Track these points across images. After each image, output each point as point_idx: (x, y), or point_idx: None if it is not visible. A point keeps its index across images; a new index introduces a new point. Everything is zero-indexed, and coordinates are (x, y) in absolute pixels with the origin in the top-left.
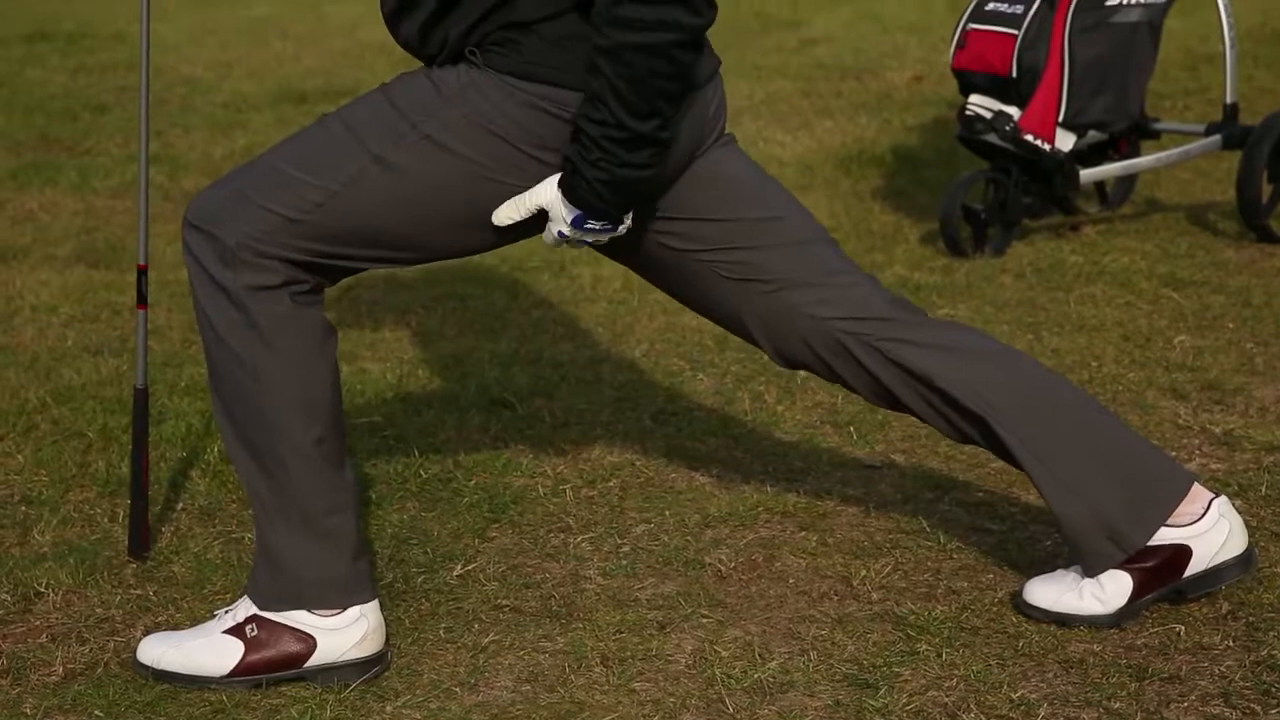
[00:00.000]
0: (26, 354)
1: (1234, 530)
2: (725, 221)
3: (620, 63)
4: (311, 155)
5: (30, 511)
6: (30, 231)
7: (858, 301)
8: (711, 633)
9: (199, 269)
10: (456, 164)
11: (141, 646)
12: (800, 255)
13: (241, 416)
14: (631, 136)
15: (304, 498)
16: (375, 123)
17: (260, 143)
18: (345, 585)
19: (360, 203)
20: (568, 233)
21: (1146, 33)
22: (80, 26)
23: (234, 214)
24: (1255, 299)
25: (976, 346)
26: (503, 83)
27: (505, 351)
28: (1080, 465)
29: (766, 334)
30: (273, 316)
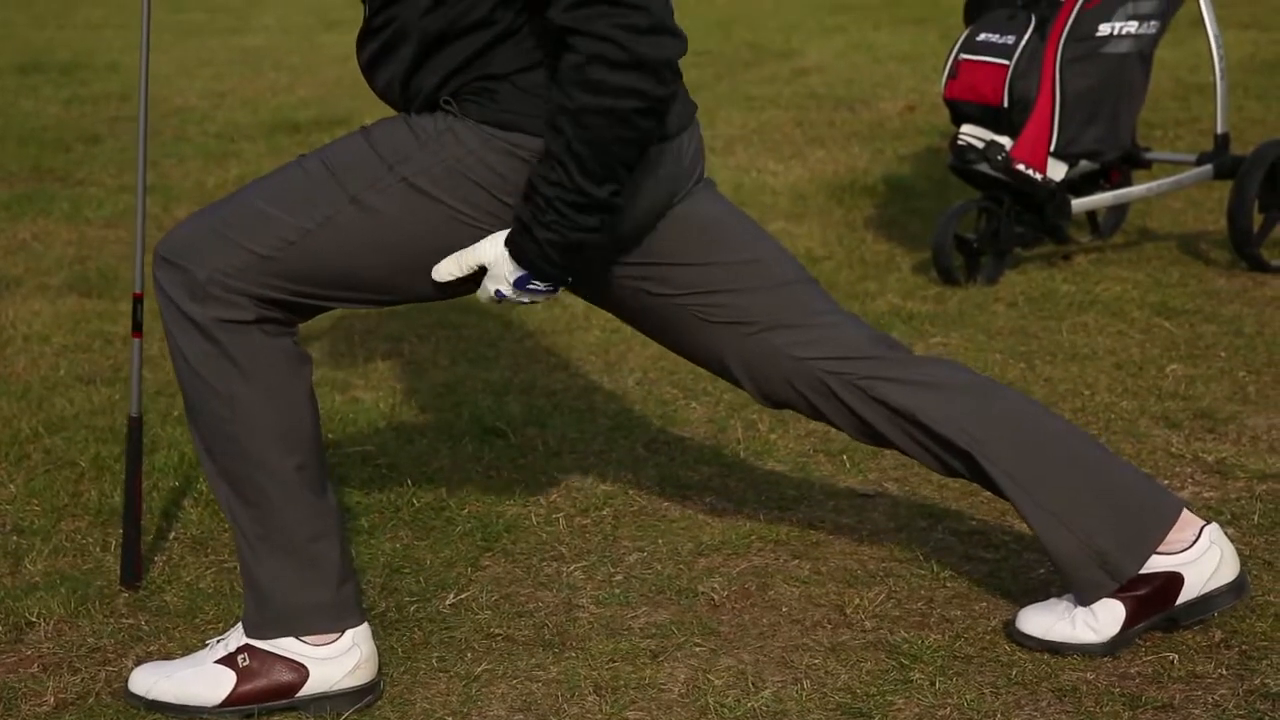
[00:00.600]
0: (19, 383)
1: (1225, 557)
2: (704, 265)
3: (582, 125)
4: (288, 194)
5: (22, 541)
6: (23, 261)
7: (839, 341)
8: (705, 661)
9: (169, 303)
10: (433, 209)
11: (133, 677)
12: (781, 297)
13: (220, 448)
14: (586, 201)
15: (286, 526)
16: (354, 164)
17: (253, 172)
18: (333, 611)
19: (334, 243)
20: (507, 292)
21: (1137, 63)
22: (74, 57)
23: (206, 249)
24: (1247, 328)
25: (959, 381)
26: (479, 131)
27: (498, 380)
28: (1068, 495)
29: (749, 375)
30: (245, 347)
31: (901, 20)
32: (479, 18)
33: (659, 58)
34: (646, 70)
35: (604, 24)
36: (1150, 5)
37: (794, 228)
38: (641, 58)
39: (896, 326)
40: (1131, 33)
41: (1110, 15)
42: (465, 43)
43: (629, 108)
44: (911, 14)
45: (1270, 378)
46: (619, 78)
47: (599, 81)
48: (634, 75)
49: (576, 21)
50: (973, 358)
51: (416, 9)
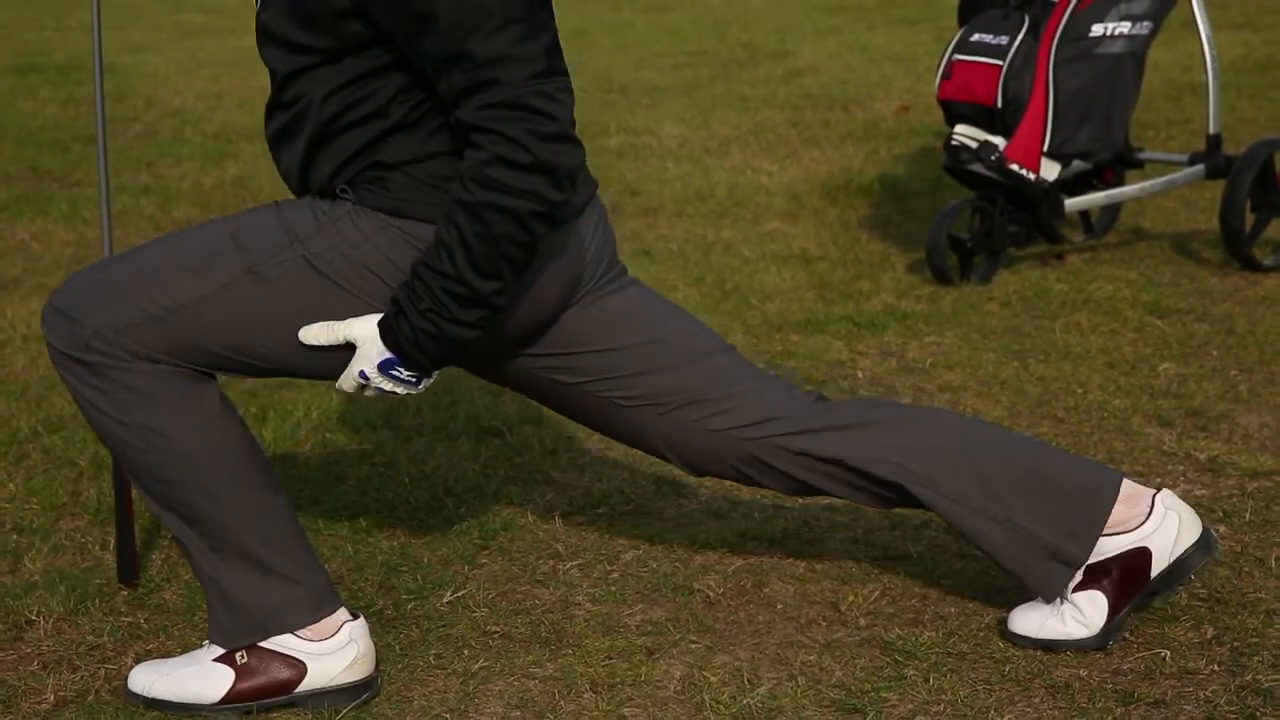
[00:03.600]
0: (18, 383)
1: (1184, 520)
2: (612, 351)
3: (477, 220)
4: (190, 256)
5: (22, 540)
6: (21, 261)
7: (755, 407)
8: (700, 658)
9: (54, 350)
10: (327, 288)
11: (132, 675)
12: (693, 372)
13: (147, 479)
14: (469, 294)
15: (233, 536)
16: (259, 236)
17: (250, 173)
18: (307, 603)
19: (225, 311)
20: (370, 375)
21: (1130, 63)
22: (70, 59)
23: (98, 302)
24: (1239, 327)
25: (876, 416)
26: (375, 218)
27: None
28: (1004, 498)
29: (673, 450)
30: (136, 376)
31: (896, 21)
32: (375, 108)
33: (561, 165)
34: (547, 174)
35: (513, 127)
36: (1143, 6)
37: (789, 228)
38: (544, 163)
39: (891, 326)
40: (1124, 33)
41: (1103, 16)
42: (359, 132)
43: (526, 209)
44: (906, 15)
45: (1262, 376)
46: (521, 179)
47: (500, 180)
48: (535, 179)
49: (487, 121)
50: (966, 357)
51: (320, 89)
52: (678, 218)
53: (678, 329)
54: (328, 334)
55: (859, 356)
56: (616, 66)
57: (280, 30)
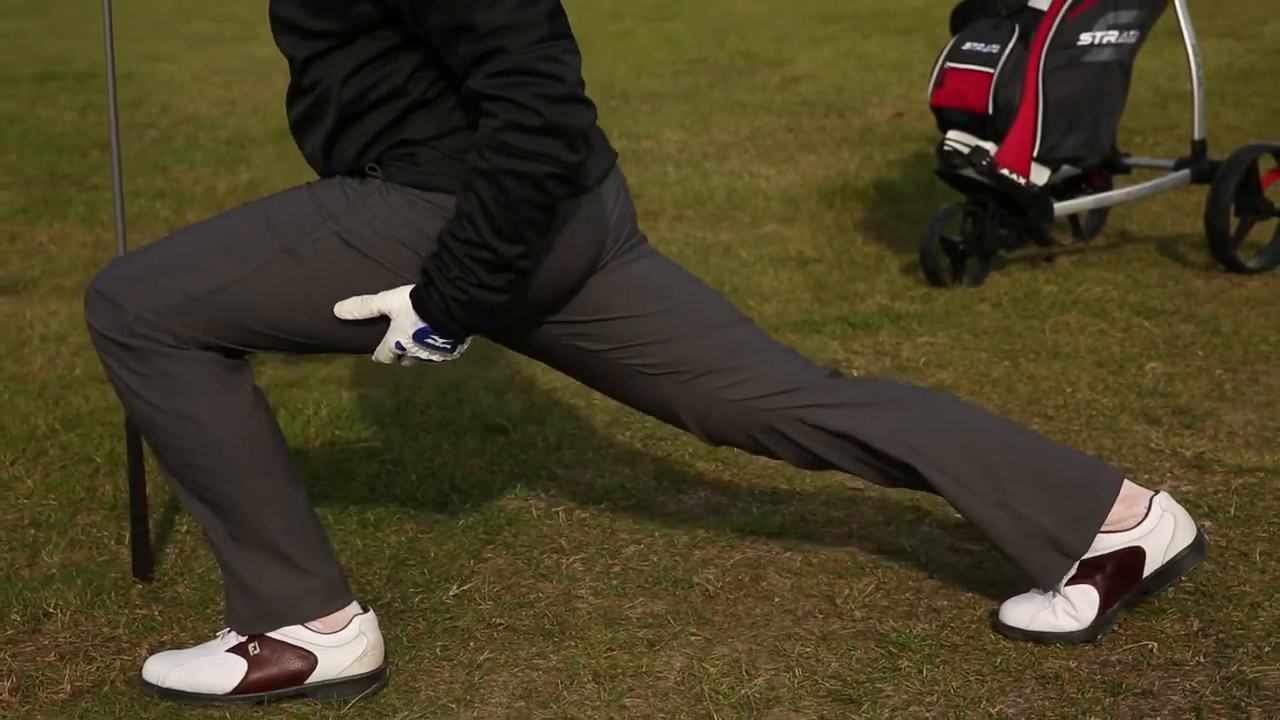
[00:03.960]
0: (36, 382)
1: (1179, 522)
2: (633, 318)
3: (496, 186)
4: (227, 239)
5: (39, 534)
6: (40, 264)
7: (771, 378)
8: (700, 650)
9: (98, 335)
10: (361, 263)
11: (147, 666)
12: (711, 342)
13: (176, 464)
14: (494, 259)
15: (256, 525)
16: (293, 216)
17: (263, 178)
18: (321, 595)
19: (263, 290)
20: (405, 345)
21: (1117, 71)
22: (89, 66)
23: (140, 287)
24: (1224, 327)
25: (892, 396)
26: (404, 193)
27: (499, 379)
28: (1009, 485)
29: (693, 419)
30: (176, 363)
31: (890, 30)
32: (394, 87)
33: (572, 125)
34: (559, 136)
35: (522, 92)
36: (1130, 15)
37: (786, 230)
38: (555, 124)
39: (885, 326)
40: (1112, 42)
41: (1091, 25)
42: (381, 112)
43: (543, 172)
44: (899, 24)
45: (1246, 375)
46: (534, 143)
47: (514, 145)
48: (547, 141)
49: (496, 89)
50: (959, 357)
51: (336, 74)
52: (677, 221)
53: (695, 298)
54: (362, 308)
55: (854, 356)
56: (618, 74)
57: (292, 17)
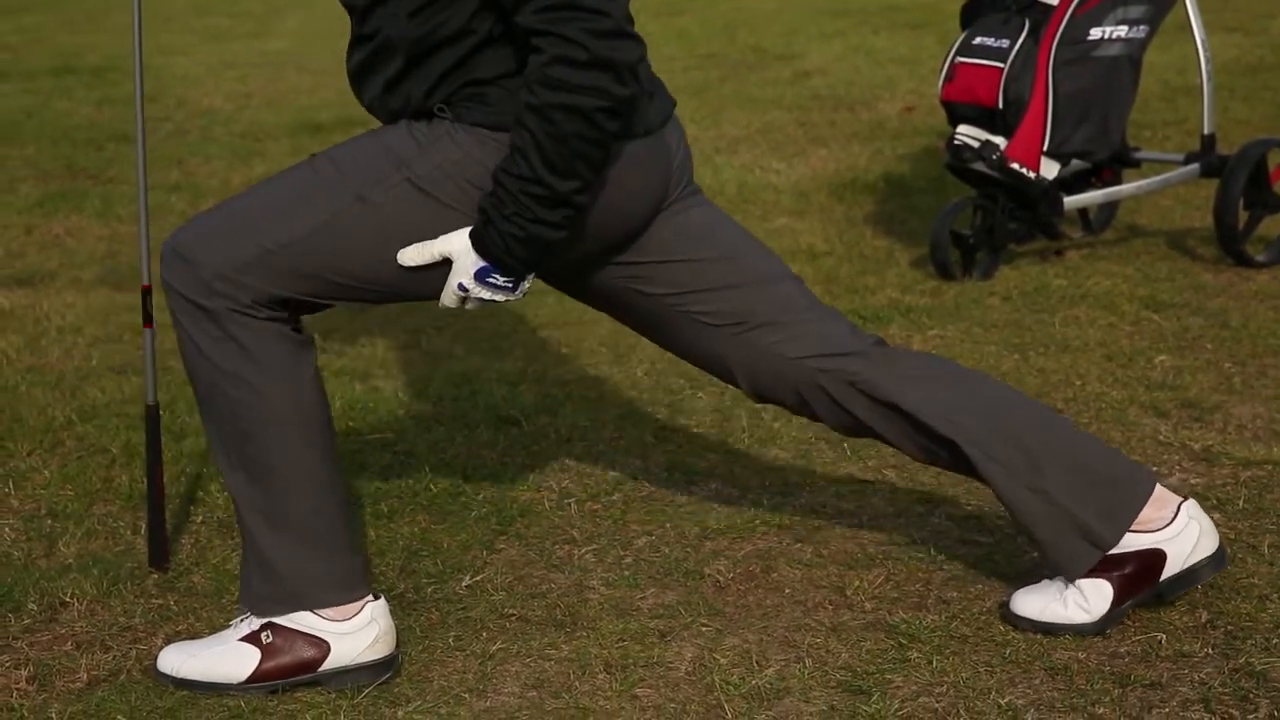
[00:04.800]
0: (53, 373)
1: (1204, 531)
2: (691, 263)
3: (547, 121)
4: (297, 191)
5: (56, 525)
6: (57, 256)
7: (825, 338)
8: (711, 641)
9: (176, 295)
10: (434, 208)
11: (161, 656)
12: (764, 295)
13: (229, 429)
14: (549, 194)
15: (292, 502)
16: (362, 164)
17: (277, 170)
18: (340, 583)
19: (337, 239)
20: (468, 285)
21: (1127, 66)
22: (105, 60)
23: (215, 245)
24: (1233, 320)
25: (939, 372)
26: (474, 133)
27: (512, 370)
28: (1047, 472)
29: (742, 372)
30: (249, 330)
31: (900, 25)
32: (459, 26)
33: (619, 59)
34: (607, 70)
35: (569, 27)
36: (1139, 10)
37: (796, 224)
38: (602, 58)
39: (895, 319)
40: (1121, 36)
41: (1101, 20)
42: (449, 52)
43: (591, 105)
44: (909, 19)
45: (1255, 369)
46: (582, 76)
47: (563, 79)
48: (596, 74)
49: (543, 23)
50: (968, 350)
51: (399, 17)
52: None
53: (750, 250)
54: (423, 253)
55: None
56: None
57: None
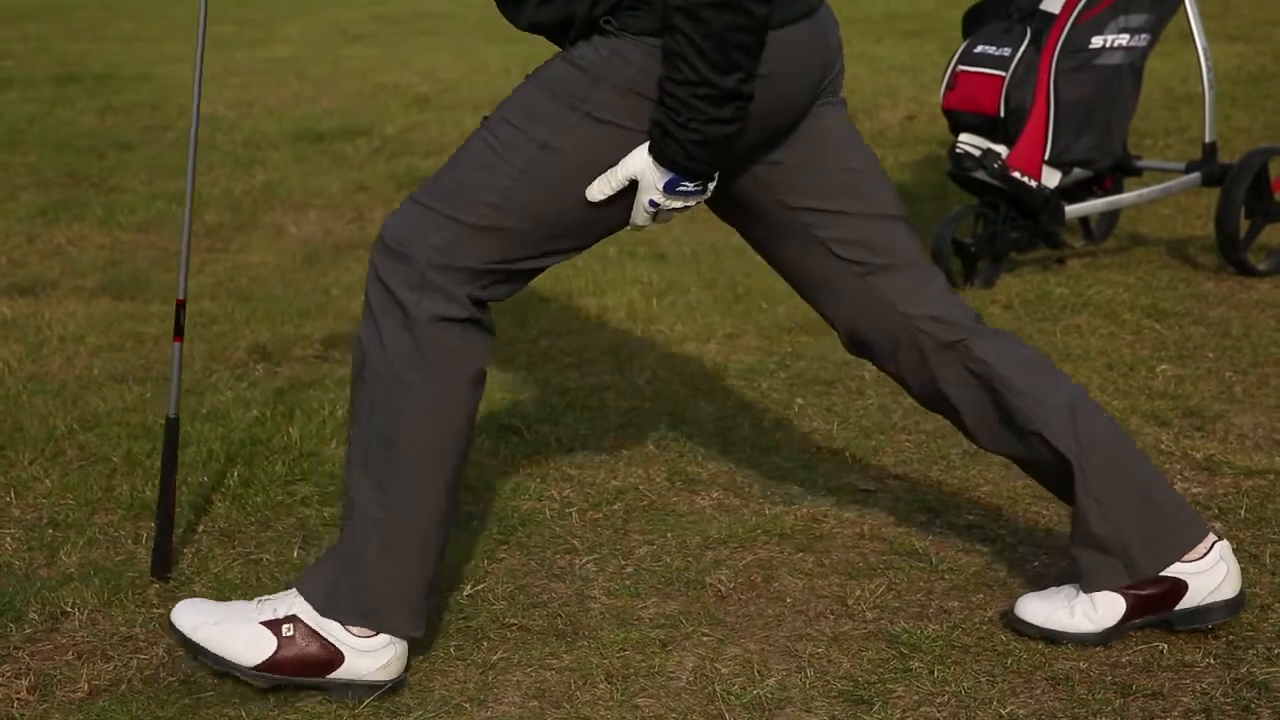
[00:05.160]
0: (54, 382)
1: (1230, 575)
2: (831, 172)
3: (697, 20)
4: (482, 158)
5: (57, 534)
6: (58, 265)
7: (937, 298)
8: (712, 650)
9: (382, 290)
10: (618, 135)
11: (179, 611)
12: (887, 231)
13: (376, 433)
14: (717, 93)
15: (411, 525)
16: (536, 113)
17: (280, 179)
18: (411, 614)
19: (534, 193)
20: (659, 200)
21: (1128, 74)
22: (107, 69)
23: (421, 230)
24: (1234, 330)
25: (1029, 356)
26: (642, 44)
27: (513, 379)
28: (1113, 489)
29: (848, 315)
30: (441, 348)
31: (901, 33)
32: None
33: None
34: None
35: None
36: (1141, 19)
37: None
38: None
39: None
40: (1123, 45)
41: (1103, 28)
42: None
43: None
44: (911, 27)
45: (1256, 378)
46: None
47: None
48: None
49: None
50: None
51: None
52: (691, 222)
53: (878, 176)
54: (608, 183)
55: None
56: None
57: None
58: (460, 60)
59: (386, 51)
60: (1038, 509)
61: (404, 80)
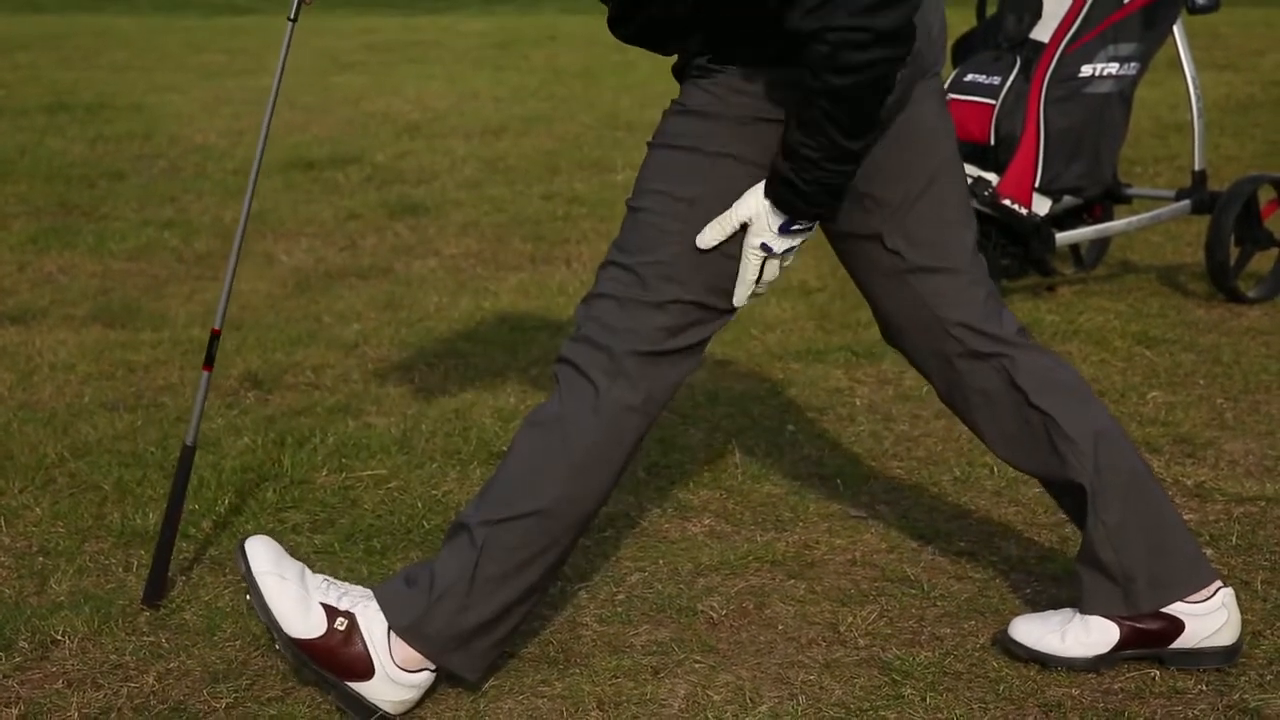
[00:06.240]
0: (45, 410)
1: (1229, 623)
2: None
3: (841, 100)
4: (642, 235)
5: (47, 562)
6: (49, 293)
7: (980, 308)
8: (704, 678)
9: (578, 373)
10: (750, 171)
11: (255, 543)
12: (947, 236)
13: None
14: (845, 154)
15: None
16: (671, 172)
17: (271, 208)
18: (480, 659)
19: (689, 251)
20: (772, 243)
21: (1118, 102)
22: (98, 98)
23: (610, 319)
24: (1225, 356)
25: (1066, 378)
26: (757, 74)
27: (505, 406)
28: (1126, 520)
29: (886, 304)
30: (619, 431)
31: None
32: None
33: (896, 23)
34: (889, 40)
35: (842, 14)
36: (1130, 47)
37: (796, 258)
38: (882, 32)
39: (888, 356)
40: (1112, 74)
41: (1092, 57)
42: None
43: (881, 74)
44: None
45: (1247, 404)
46: (868, 55)
47: (851, 63)
48: (880, 49)
49: (815, 22)
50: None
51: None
52: None
53: (950, 174)
54: (722, 228)
55: (857, 384)
56: (622, 105)
57: None
58: (450, 88)
59: (376, 79)
60: (1030, 535)
61: (394, 108)
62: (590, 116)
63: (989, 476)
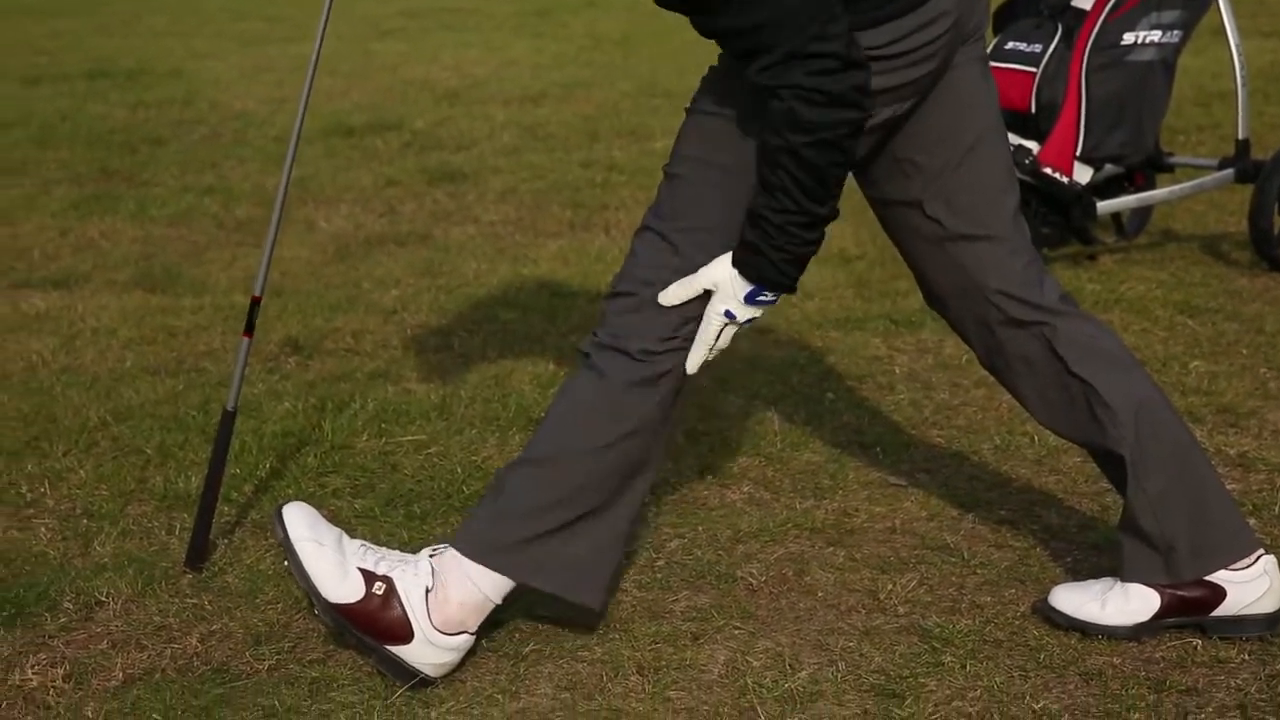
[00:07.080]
0: (88, 375)
1: (1272, 589)
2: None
3: (801, 159)
4: (678, 201)
5: (91, 524)
6: (91, 258)
7: (1020, 275)
8: (743, 644)
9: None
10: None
11: (293, 509)
12: (988, 203)
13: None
14: (812, 219)
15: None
16: (709, 139)
17: (311, 174)
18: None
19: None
20: (736, 311)
21: (1161, 70)
22: (139, 64)
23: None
24: (1268, 326)
25: (1109, 345)
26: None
27: (543, 373)
28: (1166, 489)
29: (927, 269)
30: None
31: None
32: None
33: (854, 87)
34: (847, 105)
35: (797, 74)
36: (1173, 15)
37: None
38: (837, 95)
39: (927, 324)
40: (1155, 41)
41: (1135, 25)
42: None
43: (840, 135)
44: None
45: None
46: (824, 115)
47: (807, 121)
48: (836, 110)
49: (771, 79)
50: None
51: None
52: None
53: (993, 141)
54: (687, 289)
55: (896, 353)
56: (660, 73)
57: None
58: (489, 55)
59: (416, 46)
60: (1071, 504)
61: (433, 75)
62: (629, 83)
63: (1029, 445)
